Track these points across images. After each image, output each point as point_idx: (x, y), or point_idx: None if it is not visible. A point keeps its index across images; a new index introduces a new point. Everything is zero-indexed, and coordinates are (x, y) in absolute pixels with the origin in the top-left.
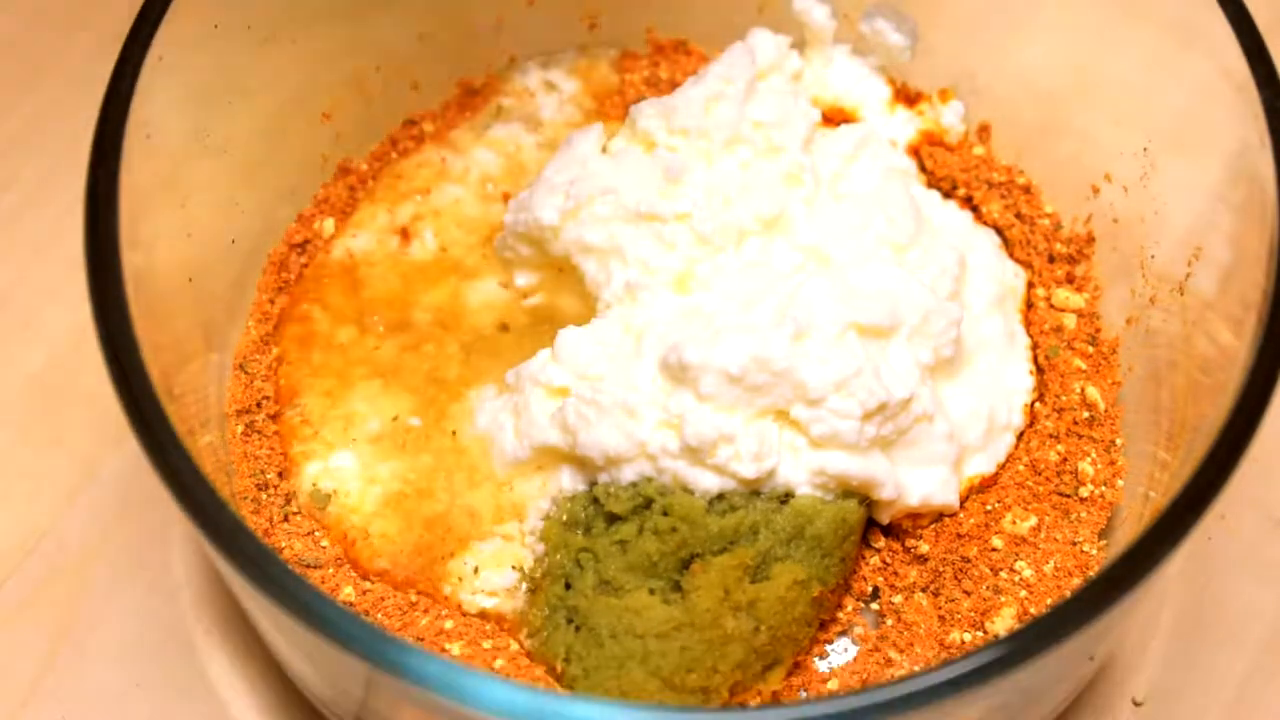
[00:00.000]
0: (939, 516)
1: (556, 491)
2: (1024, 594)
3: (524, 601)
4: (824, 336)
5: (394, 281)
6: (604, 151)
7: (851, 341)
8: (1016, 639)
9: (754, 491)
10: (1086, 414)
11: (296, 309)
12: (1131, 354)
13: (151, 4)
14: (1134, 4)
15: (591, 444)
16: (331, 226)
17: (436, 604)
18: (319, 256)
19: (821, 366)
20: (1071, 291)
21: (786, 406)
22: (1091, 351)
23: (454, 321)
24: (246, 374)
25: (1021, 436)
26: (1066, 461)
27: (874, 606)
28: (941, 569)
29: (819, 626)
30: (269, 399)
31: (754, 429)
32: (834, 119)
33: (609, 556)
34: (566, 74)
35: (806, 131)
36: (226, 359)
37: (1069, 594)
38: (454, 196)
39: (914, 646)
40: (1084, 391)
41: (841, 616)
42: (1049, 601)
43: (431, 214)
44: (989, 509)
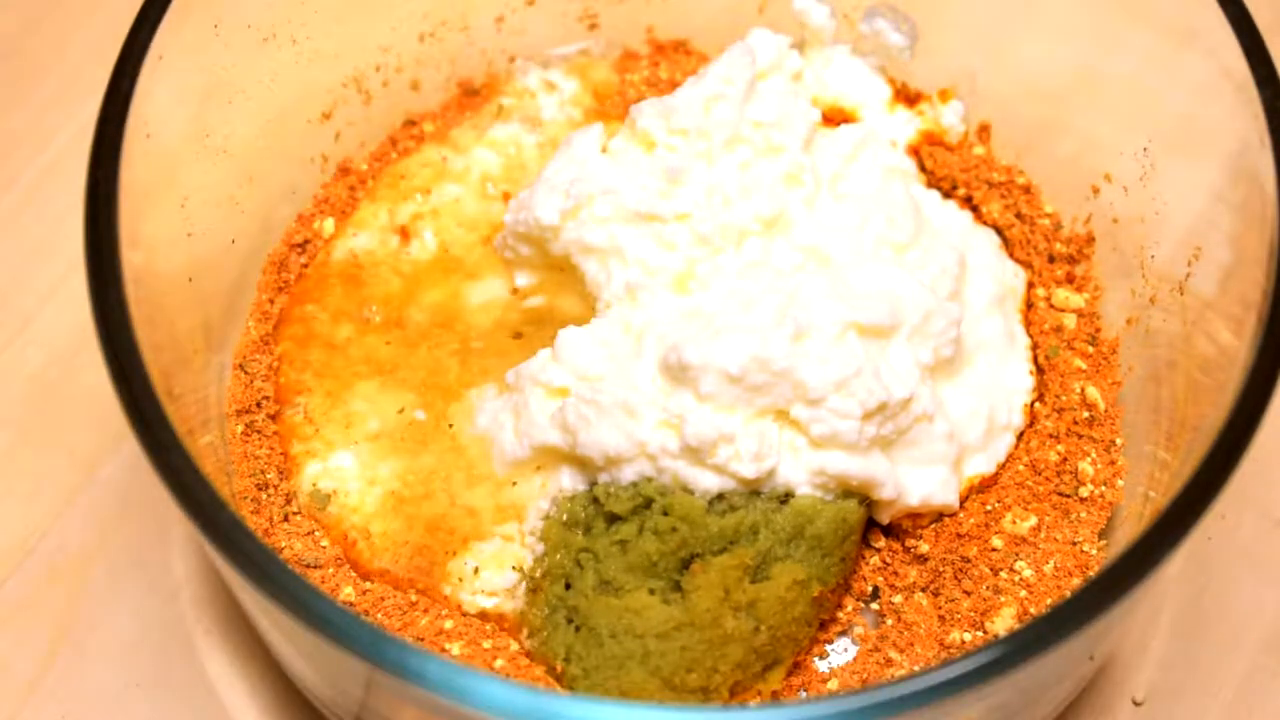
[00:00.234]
0: (939, 516)
1: (556, 491)
2: (1024, 594)
3: (524, 601)
4: (824, 336)
5: (394, 281)
6: (604, 151)
7: (851, 341)
8: (1016, 639)
9: (754, 491)
10: (1086, 414)
11: (296, 309)
12: (1131, 354)
13: (151, 4)
14: (1134, 4)
15: (591, 444)
16: (331, 226)
17: (436, 604)
18: (319, 256)
19: (821, 366)
20: (1071, 291)
21: (786, 406)
22: (1091, 351)
23: (454, 321)
24: (246, 374)
25: (1021, 436)
26: (1066, 461)
27: (874, 606)
28: (941, 569)
29: (819, 626)
30: (269, 399)
31: (754, 429)
32: (834, 119)
33: (609, 556)
34: (566, 74)
35: (806, 131)
36: (226, 359)
37: (1069, 594)
38: (454, 196)
39: (914, 646)
40: (1084, 391)
41: (841, 616)
42: (1049, 601)
43: (431, 214)
44: (989, 509)
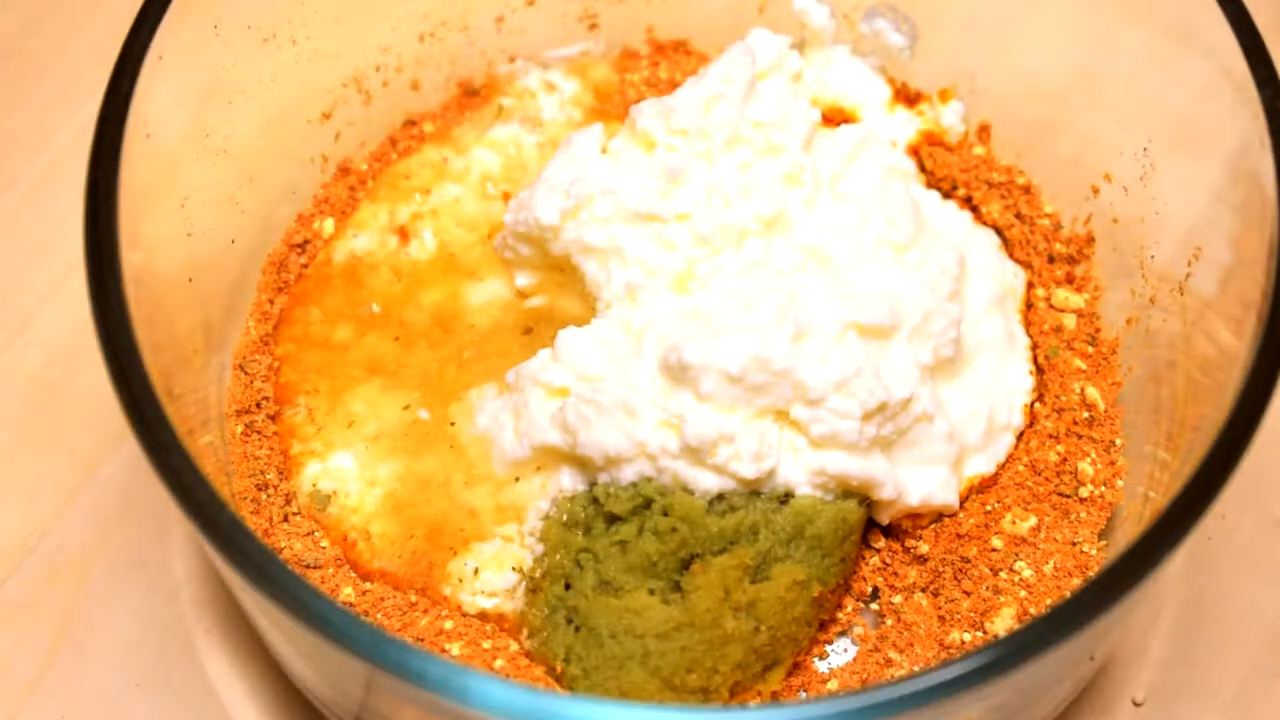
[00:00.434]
0: (939, 517)
1: (556, 492)
2: (1024, 594)
3: (524, 602)
4: (824, 336)
5: (394, 281)
6: (604, 151)
7: (851, 341)
8: (1016, 639)
9: (754, 492)
10: (1086, 414)
11: (296, 309)
12: (1131, 354)
13: (151, 4)
14: (1134, 4)
15: (591, 444)
16: (331, 226)
17: (436, 604)
18: (319, 257)
19: (821, 366)
20: (1071, 292)
21: (786, 406)
22: (1091, 352)
23: (454, 321)
24: (246, 374)
25: (1021, 437)
26: (1066, 462)
27: (874, 607)
28: (941, 569)
29: (819, 627)
30: (269, 399)
31: (754, 429)
32: (834, 119)
33: (609, 557)
34: (566, 74)
35: (806, 131)
36: (226, 359)
37: (1069, 594)
38: (454, 196)
39: (914, 647)
40: (1084, 392)
41: (841, 617)
42: (1049, 602)
43: (431, 214)
44: (989, 509)
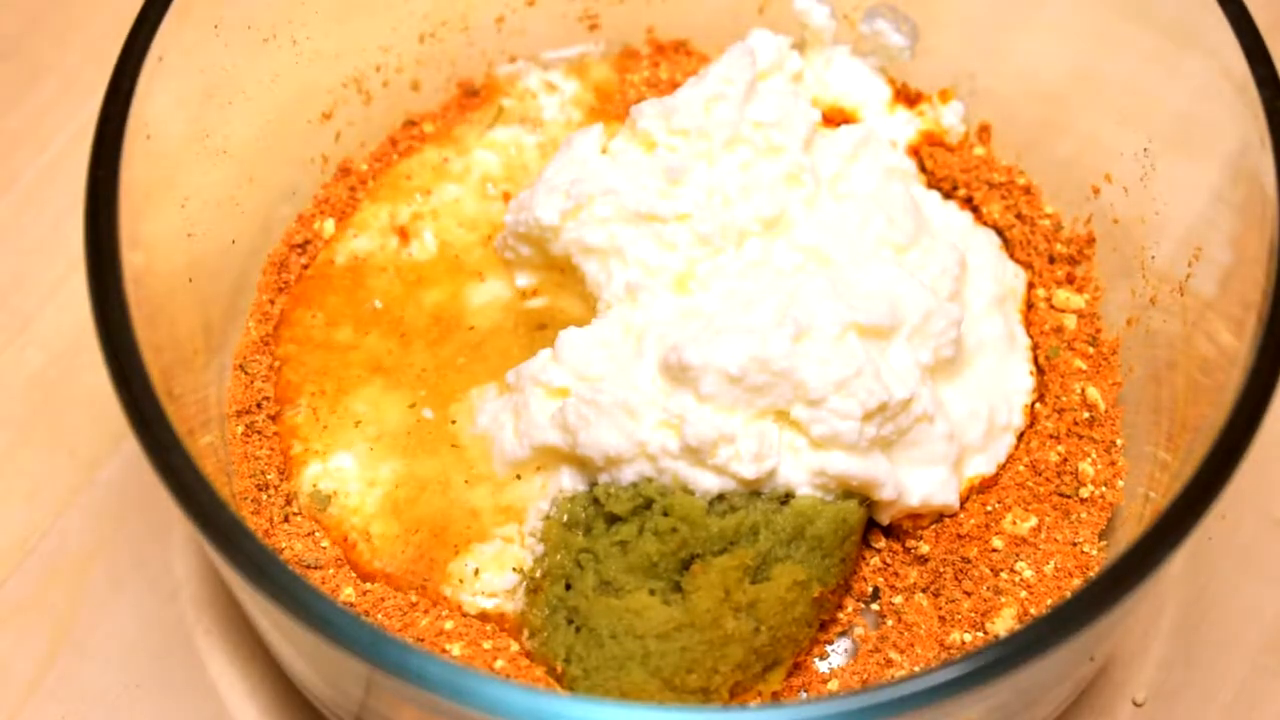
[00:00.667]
0: (939, 517)
1: (556, 492)
2: (1024, 594)
3: (524, 602)
4: (824, 337)
5: (394, 282)
6: (604, 152)
7: (852, 342)
8: (1016, 639)
9: (754, 492)
10: (1087, 414)
11: (297, 309)
12: (1132, 354)
13: (151, 4)
14: (1134, 4)
15: (591, 444)
16: (331, 227)
17: (437, 605)
18: (319, 257)
19: (822, 367)
20: (1072, 292)
21: (787, 407)
22: (1092, 352)
23: (454, 322)
24: (246, 374)
25: (1022, 437)
26: (1067, 462)
27: (874, 607)
28: (942, 569)
29: (819, 627)
30: (269, 399)
31: (754, 429)
32: (834, 119)
33: (609, 557)
34: (566, 74)
35: (807, 132)
36: (226, 359)
37: (1069, 594)
38: (454, 197)
39: (914, 647)
40: (1084, 392)
41: (842, 617)
42: (1049, 602)
43: (431, 214)
44: (989, 509)
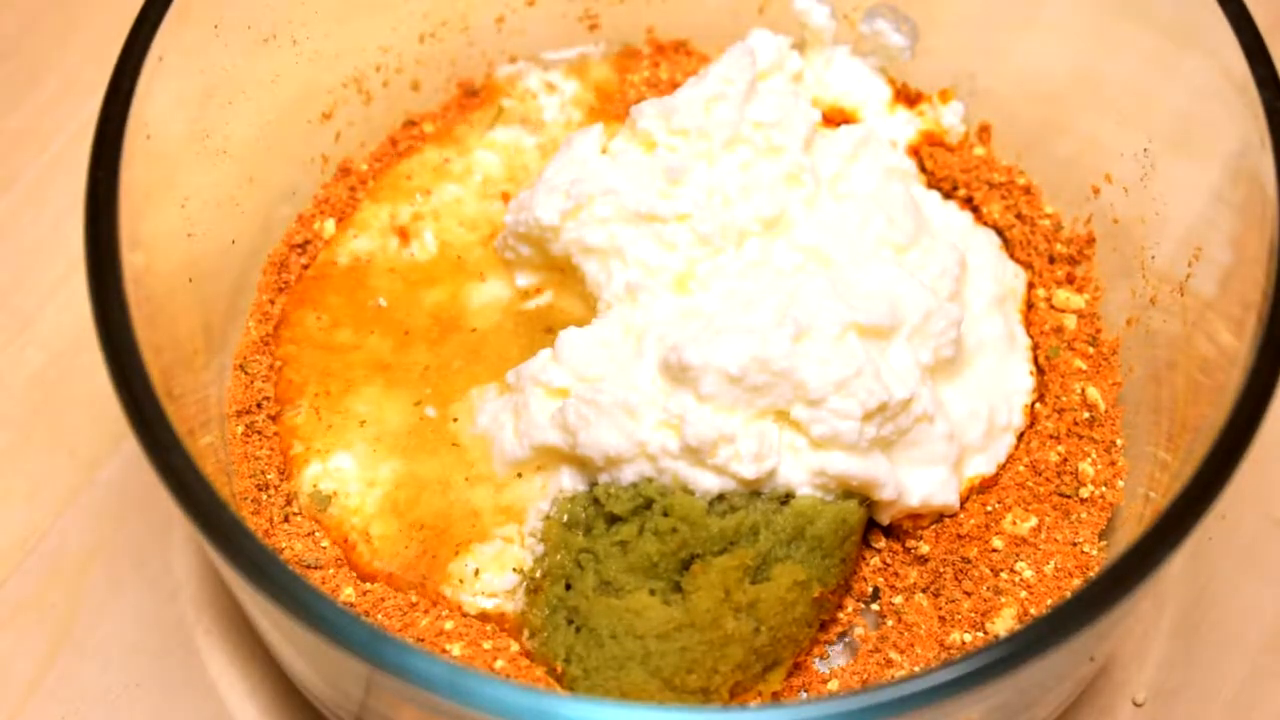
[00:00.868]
0: (939, 517)
1: (557, 492)
2: (1024, 594)
3: (524, 602)
4: (824, 337)
5: (394, 282)
6: (604, 152)
7: (852, 342)
8: (1017, 639)
9: (754, 492)
10: (1087, 414)
11: (297, 310)
12: (1132, 354)
13: (151, 4)
14: (1134, 4)
15: (591, 444)
16: (332, 227)
17: (437, 605)
18: (319, 257)
19: (822, 367)
20: (1072, 292)
21: (787, 407)
22: (1092, 352)
23: (454, 322)
24: (246, 374)
25: (1022, 437)
26: (1067, 462)
27: (874, 607)
28: (942, 570)
29: (819, 627)
30: (269, 399)
31: (754, 429)
32: (834, 119)
33: (609, 557)
34: (566, 74)
35: (807, 132)
36: (227, 359)
37: (1069, 594)
38: (454, 197)
39: (914, 647)
40: (1084, 392)
41: (842, 617)
42: (1049, 602)
43: (432, 214)
44: (989, 510)
